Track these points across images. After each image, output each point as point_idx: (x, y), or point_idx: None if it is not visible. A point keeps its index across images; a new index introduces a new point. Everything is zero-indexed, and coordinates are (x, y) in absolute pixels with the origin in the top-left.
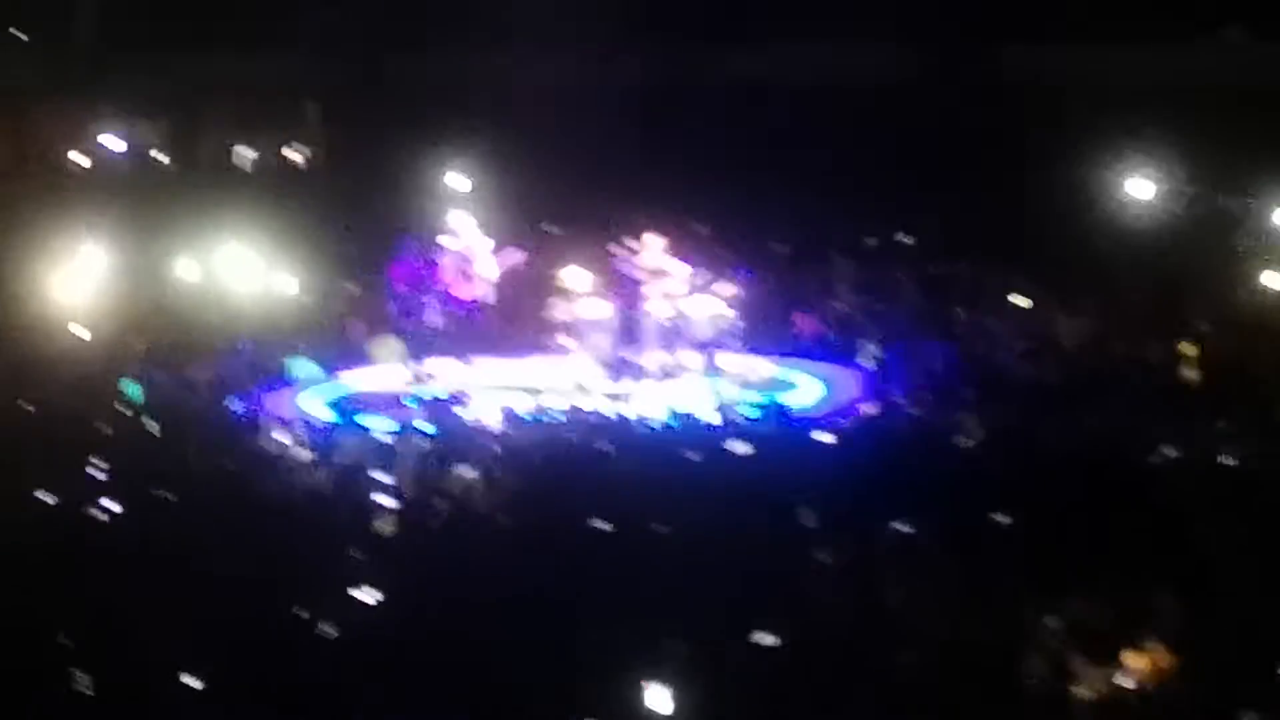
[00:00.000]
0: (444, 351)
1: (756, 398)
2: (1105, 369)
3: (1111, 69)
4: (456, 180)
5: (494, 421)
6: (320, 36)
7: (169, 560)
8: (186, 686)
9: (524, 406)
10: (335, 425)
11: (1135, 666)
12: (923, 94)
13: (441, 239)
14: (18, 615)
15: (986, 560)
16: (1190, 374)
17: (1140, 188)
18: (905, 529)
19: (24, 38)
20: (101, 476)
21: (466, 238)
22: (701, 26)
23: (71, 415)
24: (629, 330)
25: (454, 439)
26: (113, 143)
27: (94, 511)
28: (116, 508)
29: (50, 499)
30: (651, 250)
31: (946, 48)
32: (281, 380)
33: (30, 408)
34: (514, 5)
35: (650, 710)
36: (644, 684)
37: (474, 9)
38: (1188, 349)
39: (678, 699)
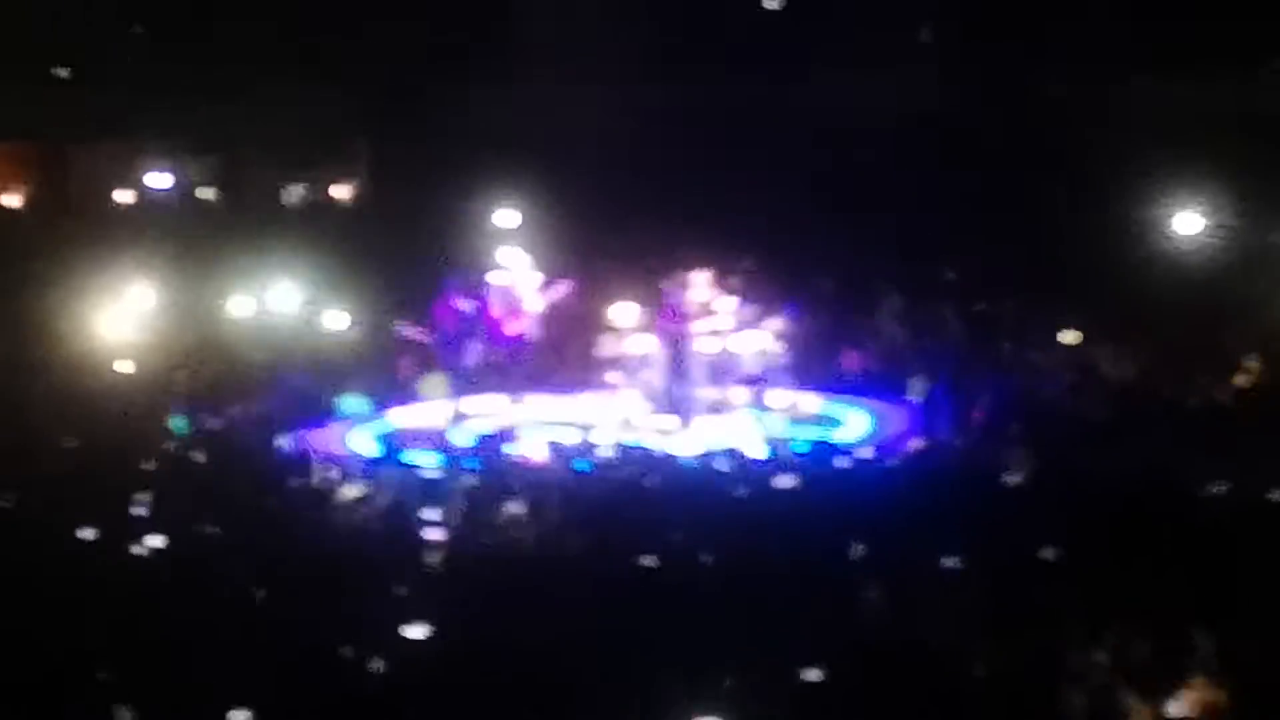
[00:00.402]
0: (492, 388)
1: (804, 433)
2: (1153, 403)
3: (1158, 101)
4: (502, 216)
5: (542, 458)
6: (364, 74)
7: (215, 597)
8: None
9: (572, 443)
10: (383, 462)
11: (1183, 701)
12: (970, 128)
13: (488, 275)
14: (63, 650)
15: (1034, 595)
16: (1239, 408)
17: (1188, 221)
18: (953, 564)
19: (69, 78)
20: (149, 513)
21: (513, 274)
22: (747, 60)
23: (119, 451)
24: (676, 366)
25: (502, 476)
26: (159, 182)
27: (141, 548)
28: (164, 544)
29: (99, 534)
30: (698, 286)
31: (993, 81)
32: (330, 417)
33: (77, 444)
34: (557, 41)
35: None
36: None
37: (517, 45)
38: (1236, 383)
39: None
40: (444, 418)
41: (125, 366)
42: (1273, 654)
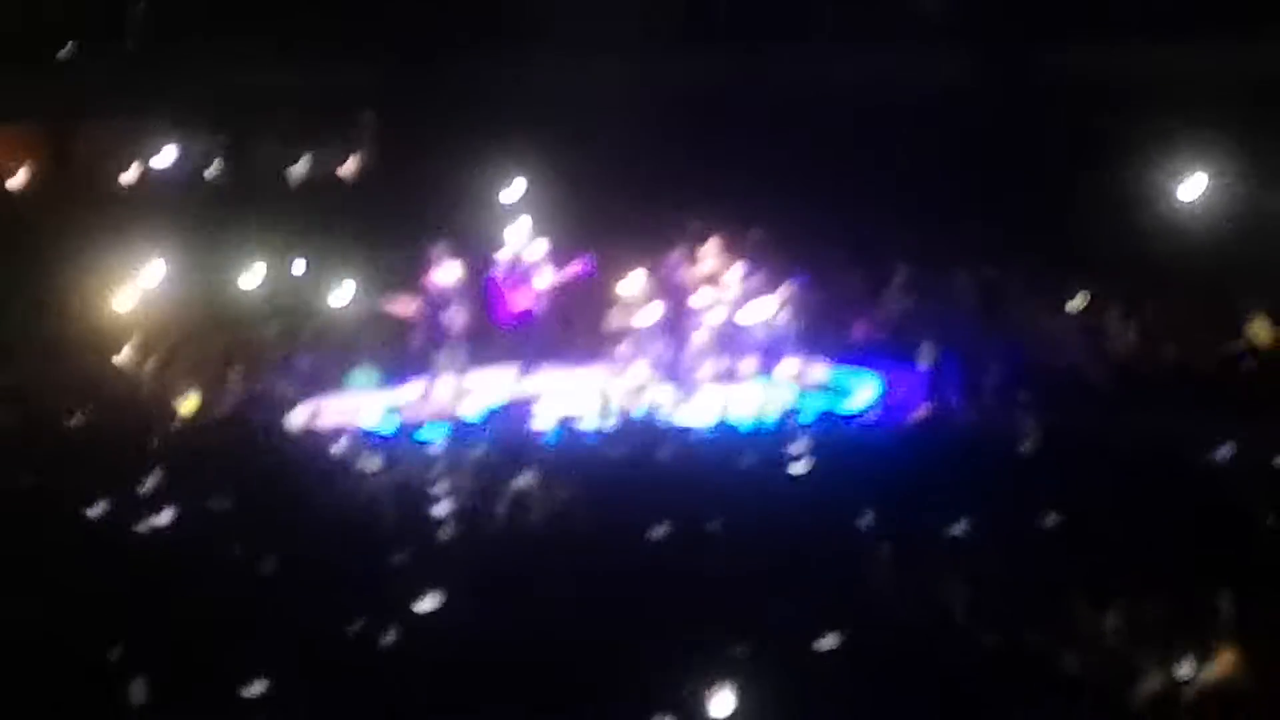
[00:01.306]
0: (501, 361)
1: (812, 402)
2: (1162, 370)
3: (1165, 66)
4: (512, 189)
5: (552, 430)
6: (372, 46)
7: (227, 574)
8: (246, 697)
9: (582, 415)
10: (393, 436)
11: (1194, 668)
12: (976, 96)
13: (498, 248)
14: (76, 626)
15: (1043, 561)
16: (1248, 374)
17: (1196, 186)
18: (962, 531)
19: (75, 54)
20: (161, 489)
21: (522, 246)
22: (755, 29)
23: (129, 431)
24: (685, 336)
25: (512, 448)
26: (166, 156)
27: (152, 527)
28: (175, 522)
29: (110, 513)
30: (707, 256)
31: (999, 50)
32: (340, 392)
33: (87, 423)
34: (566, 10)
35: (711, 714)
36: (704, 688)
37: (524, 17)
38: (1245, 349)
39: (738, 702)
40: (454, 391)
41: (134, 345)
42: None
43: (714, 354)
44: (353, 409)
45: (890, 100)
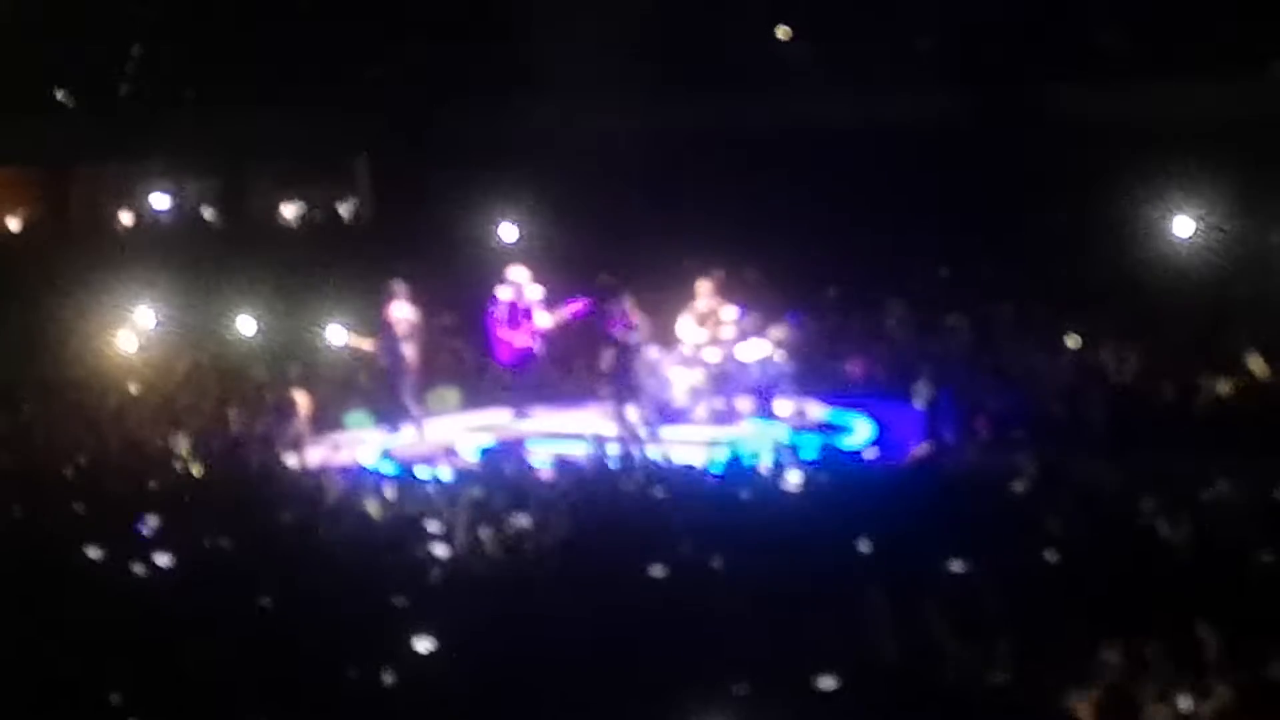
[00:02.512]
0: (498, 402)
1: (810, 441)
2: (1157, 407)
3: (1159, 107)
4: (506, 233)
5: (550, 470)
6: (364, 94)
7: (224, 613)
8: None
9: (580, 455)
10: (391, 477)
11: (1192, 704)
12: (972, 136)
13: (493, 291)
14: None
15: (1040, 600)
16: (1242, 410)
17: (1188, 225)
18: (959, 569)
19: (70, 103)
20: (155, 532)
21: (517, 289)
22: (748, 72)
23: (125, 471)
24: (683, 376)
25: (508, 488)
26: (160, 203)
27: (148, 567)
28: (172, 562)
29: (106, 554)
30: (704, 296)
31: (995, 90)
32: (337, 433)
33: (82, 464)
34: (556, 58)
35: None
36: None
37: (518, 62)
38: (1239, 385)
39: None
40: (451, 432)
41: (130, 386)
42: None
43: (710, 393)
44: (348, 450)
45: (885, 142)
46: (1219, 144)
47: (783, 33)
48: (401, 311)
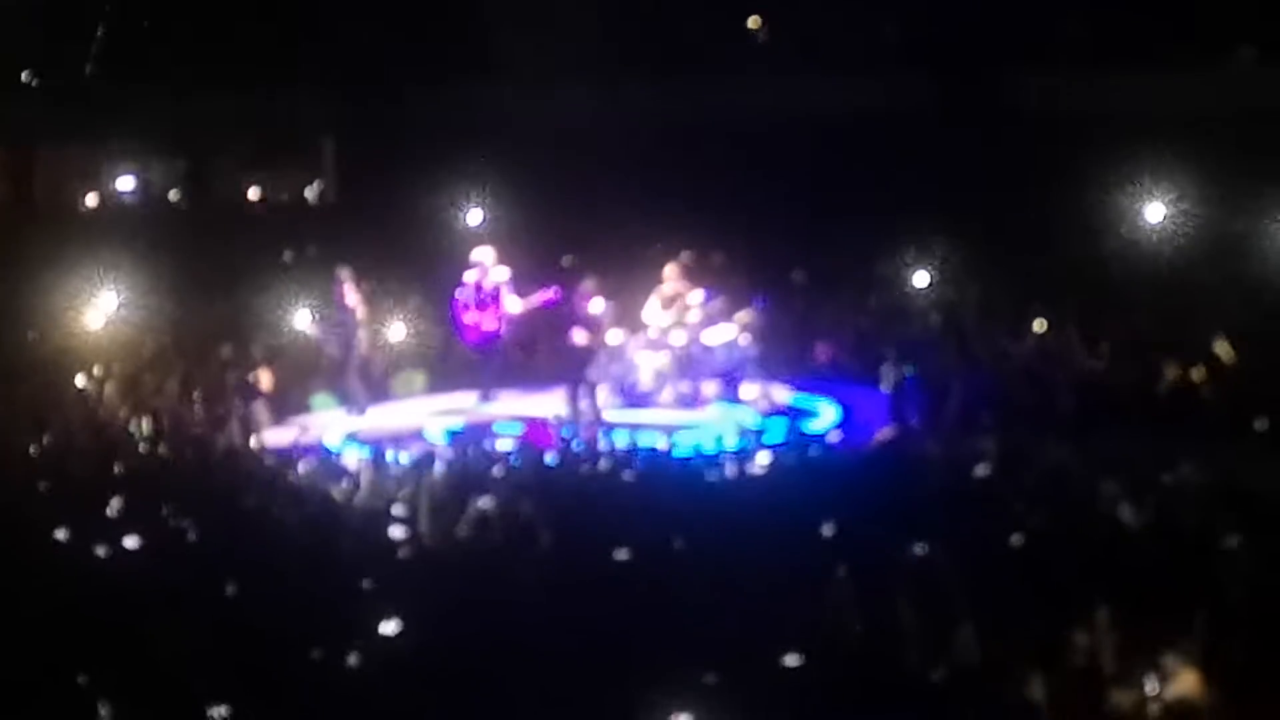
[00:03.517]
0: (465, 384)
1: (775, 425)
2: (1121, 392)
3: (1122, 95)
4: (472, 215)
5: (514, 452)
6: (329, 74)
7: (190, 596)
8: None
9: (545, 438)
10: (357, 459)
11: (1157, 687)
12: (939, 123)
13: (459, 274)
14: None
15: (1003, 582)
16: (1209, 396)
17: (1155, 212)
18: (923, 552)
19: (34, 81)
20: (119, 517)
21: (483, 272)
22: (716, 57)
23: (88, 454)
24: (649, 359)
25: (474, 471)
26: (125, 185)
27: (112, 551)
28: (136, 544)
29: (70, 537)
30: (670, 280)
31: (961, 77)
32: (303, 416)
33: (45, 447)
34: (525, 40)
35: None
36: (665, 709)
37: (483, 44)
38: (1205, 371)
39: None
40: (417, 415)
41: (94, 368)
42: (1246, 640)
43: (676, 377)
44: (315, 431)
45: (853, 128)
46: (1186, 133)
47: (753, 22)
48: (364, 294)
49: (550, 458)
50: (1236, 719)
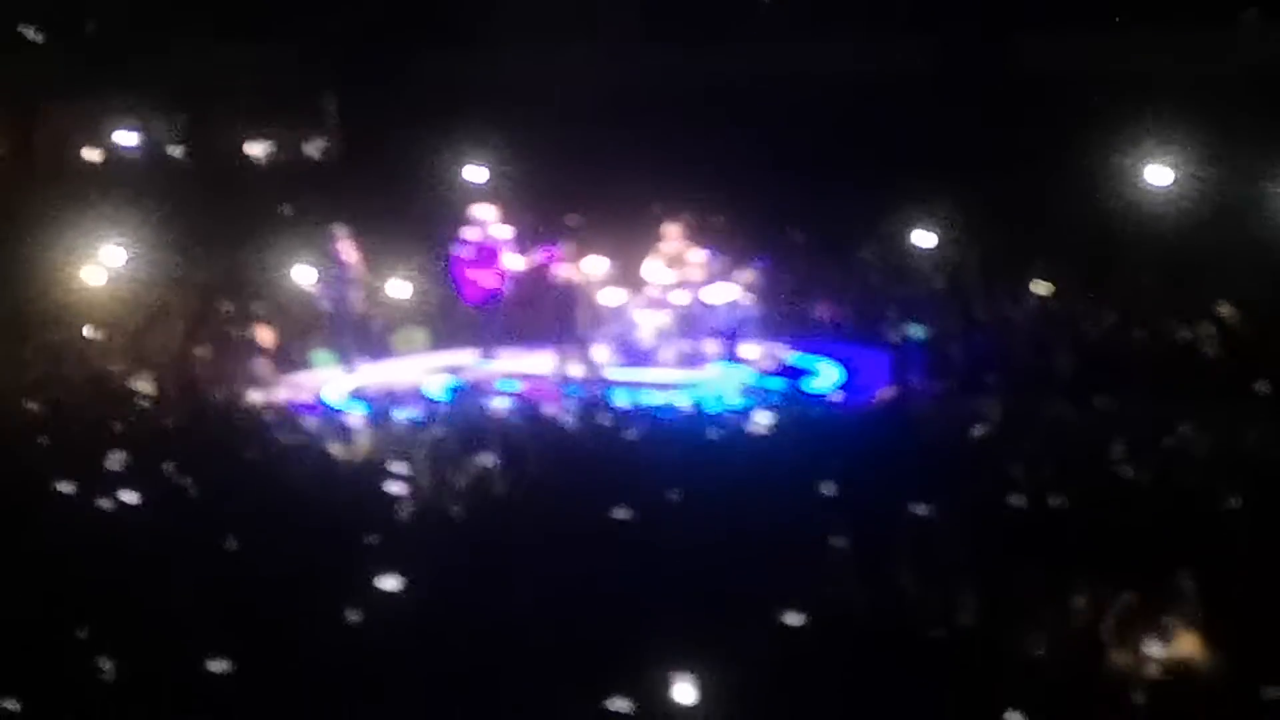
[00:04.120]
0: (465, 342)
1: (776, 383)
2: (1125, 354)
3: (1128, 56)
4: (474, 173)
5: (515, 410)
6: (330, 29)
7: (192, 552)
8: (208, 676)
9: (546, 395)
10: (358, 416)
11: (1158, 647)
12: (941, 83)
13: (461, 232)
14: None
15: (1005, 543)
16: (1211, 359)
17: (1158, 174)
18: (924, 512)
19: (35, 36)
20: (121, 472)
21: (486, 230)
22: (717, 18)
23: (90, 410)
24: (651, 319)
25: (476, 429)
26: (127, 140)
27: (114, 506)
28: (137, 502)
29: (71, 494)
30: (671, 239)
31: (963, 38)
32: (304, 372)
33: (48, 403)
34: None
35: (674, 690)
36: (666, 666)
37: (490, 1)
38: (1208, 334)
39: (699, 680)
40: (418, 372)
41: (96, 323)
42: (1245, 598)
43: (677, 336)
44: (317, 389)
45: (855, 88)
46: (1192, 94)
47: None
48: (363, 251)
49: (550, 416)
50: (1235, 679)
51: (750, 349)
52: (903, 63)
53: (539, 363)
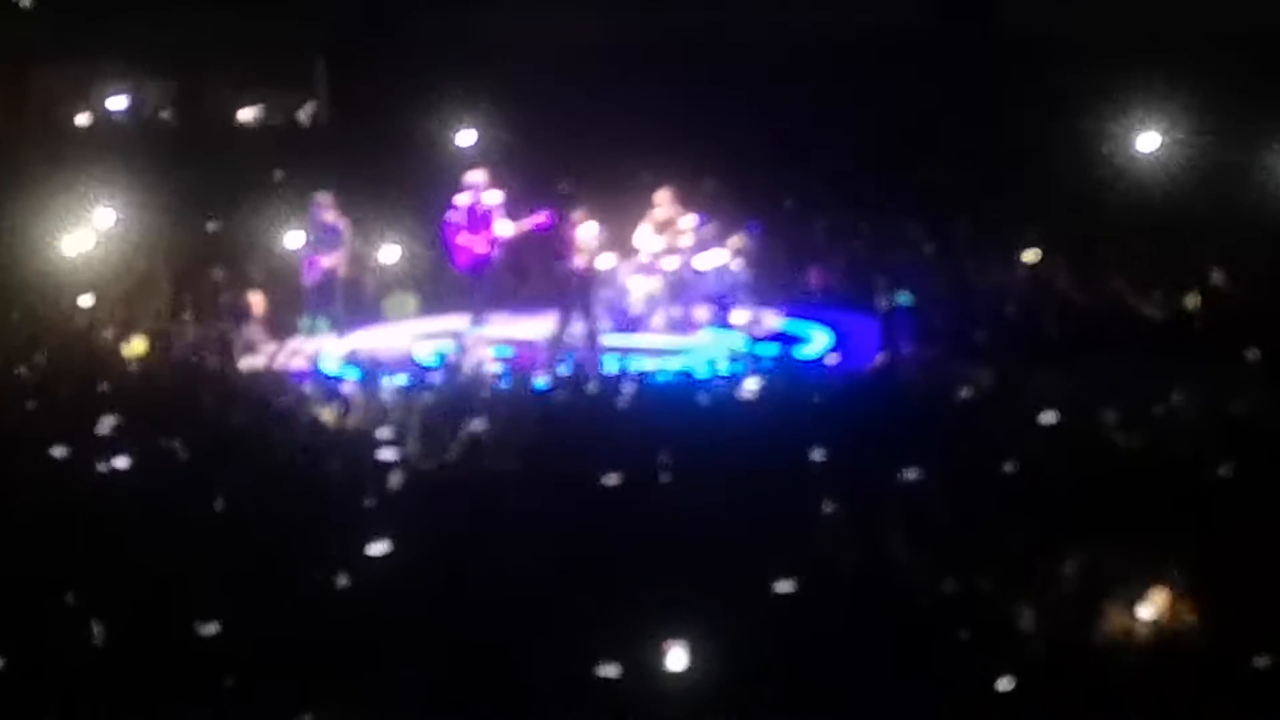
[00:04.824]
0: (456, 308)
1: (767, 349)
2: (1114, 320)
3: (1116, 16)
4: (465, 138)
5: (506, 376)
6: None
7: (183, 517)
8: (201, 642)
9: (537, 361)
10: (350, 382)
11: (1149, 610)
12: (931, 44)
13: (452, 197)
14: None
15: (993, 509)
16: (1199, 325)
17: (1146, 137)
18: (913, 479)
19: (25, 1)
20: (111, 437)
21: (477, 195)
22: None
23: (82, 374)
24: (642, 285)
25: (467, 394)
26: (117, 104)
27: (104, 471)
28: (127, 467)
29: (60, 459)
30: (662, 204)
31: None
32: (294, 338)
33: (34, 370)
34: None
35: (666, 657)
36: (657, 632)
37: None
38: (1196, 300)
39: (690, 645)
40: (410, 338)
41: (86, 287)
42: (1236, 560)
43: (667, 302)
44: (307, 354)
45: (845, 52)
46: (1184, 58)
47: None
48: (350, 216)
49: (541, 381)
50: (1225, 645)
51: (741, 315)
52: (896, 25)
53: (530, 328)
